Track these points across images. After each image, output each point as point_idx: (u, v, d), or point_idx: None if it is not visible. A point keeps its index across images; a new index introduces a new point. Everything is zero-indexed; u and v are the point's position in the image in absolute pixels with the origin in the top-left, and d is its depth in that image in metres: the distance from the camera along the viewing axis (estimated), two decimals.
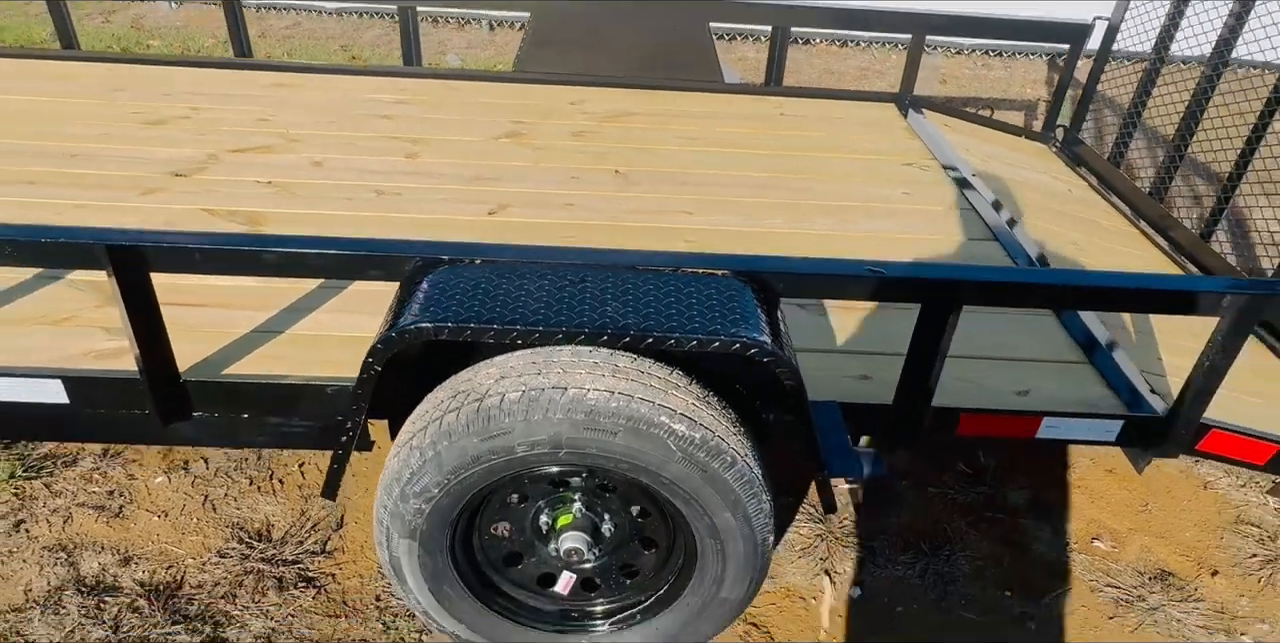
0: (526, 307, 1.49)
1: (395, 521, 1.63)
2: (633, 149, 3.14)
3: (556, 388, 1.50)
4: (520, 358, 1.57)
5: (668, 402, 1.53)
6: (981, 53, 6.48)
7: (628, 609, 1.86)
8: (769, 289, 1.62)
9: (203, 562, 2.16)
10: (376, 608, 2.08)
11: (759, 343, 1.46)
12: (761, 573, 1.74)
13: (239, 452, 2.50)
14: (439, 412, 1.55)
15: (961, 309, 1.67)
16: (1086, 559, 2.27)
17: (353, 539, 2.26)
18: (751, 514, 1.63)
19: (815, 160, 3.17)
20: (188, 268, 1.62)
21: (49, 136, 2.92)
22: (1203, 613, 2.14)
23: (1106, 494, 2.48)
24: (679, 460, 1.53)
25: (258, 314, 2.03)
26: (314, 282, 2.16)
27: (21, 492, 2.32)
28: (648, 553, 1.82)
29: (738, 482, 1.58)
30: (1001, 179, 3.23)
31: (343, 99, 3.44)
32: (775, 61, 3.73)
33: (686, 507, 1.61)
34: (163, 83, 3.46)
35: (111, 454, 2.45)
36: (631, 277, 1.59)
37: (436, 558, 1.69)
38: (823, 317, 2.20)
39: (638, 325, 1.47)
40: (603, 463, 1.55)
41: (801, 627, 2.06)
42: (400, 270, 1.61)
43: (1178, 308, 1.74)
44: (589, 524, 1.74)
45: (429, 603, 1.76)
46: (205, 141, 2.97)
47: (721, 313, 1.51)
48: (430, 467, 1.55)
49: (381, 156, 2.95)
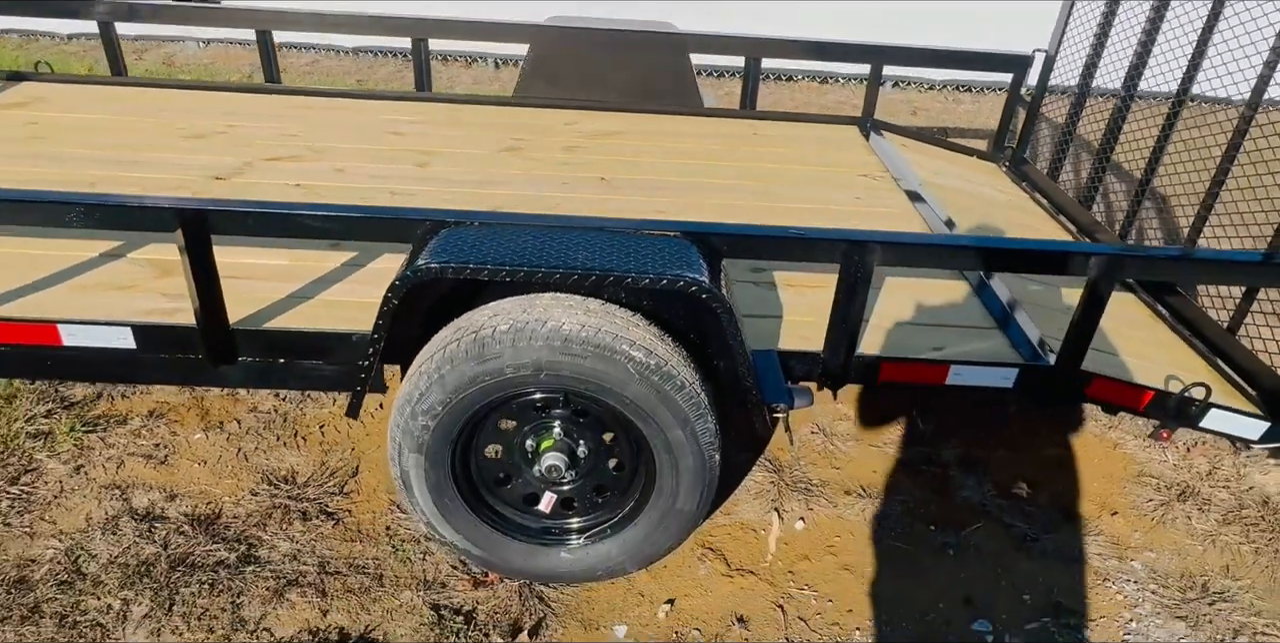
0: (515, 254, 1.86)
1: (406, 437, 1.98)
2: (617, 161, 3.54)
3: (538, 321, 1.87)
4: (509, 302, 1.94)
5: (629, 334, 1.89)
6: (952, 88, 6.95)
7: (599, 525, 2.19)
8: (712, 248, 1.99)
9: (237, 499, 2.50)
10: (387, 536, 2.41)
11: (698, 282, 1.83)
12: (710, 488, 2.09)
13: (267, 413, 2.85)
14: (443, 344, 1.92)
15: (873, 268, 2.03)
16: (1004, 503, 2.60)
17: (366, 484, 2.60)
18: (699, 433, 1.98)
19: (779, 171, 3.57)
20: (242, 230, 2.00)
21: (104, 147, 3.33)
22: (1100, 544, 2.46)
23: (1028, 453, 2.82)
24: (638, 382, 1.89)
25: (292, 285, 2.40)
26: (338, 260, 2.54)
27: (80, 443, 2.67)
28: (616, 475, 2.16)
29: (687, 403, 1.94)
30: (948, 189, 3.62)
31: (362, 119, 3.87)
32: (749, 88, 4.16)
33: (645, 425, 1.97)
34: (201, 105, 3.89)
35: (156, 415, 2.81)
36: (600, 235, 1.97)
37: (439, 472, 2.04)
38: (772, 291, 2.57)
39: (602, 268, 1.84)
40: (575, 385, 1.91)
41: (751, 552, 2.39)
42: (413, 233, 1.99)
43: (1055, 268, 2.11)
44: (567, 447, 2.09)
45: (432, 513, 2.10)
46: (241, 152, 3.38)
47: (671, 262, 1.88)
48: (436, 387, 1.91)
49: (396, 165, 3.35)
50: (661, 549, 2.19)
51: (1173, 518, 2.57)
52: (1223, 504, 2.64)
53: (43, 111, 3.69)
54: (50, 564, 2.24)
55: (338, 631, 2.11)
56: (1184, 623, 2.23)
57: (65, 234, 2.49)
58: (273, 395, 2.94)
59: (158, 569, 2.23)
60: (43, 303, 2.27)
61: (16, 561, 2.25)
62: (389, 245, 2.50)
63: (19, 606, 2.12)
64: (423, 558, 2.34)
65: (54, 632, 2.06)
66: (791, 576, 2.32)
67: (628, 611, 2.20)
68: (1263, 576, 2.41)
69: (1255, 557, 2.46)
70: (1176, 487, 2.70)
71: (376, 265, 2.56)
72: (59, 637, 2.05)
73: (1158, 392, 2.25)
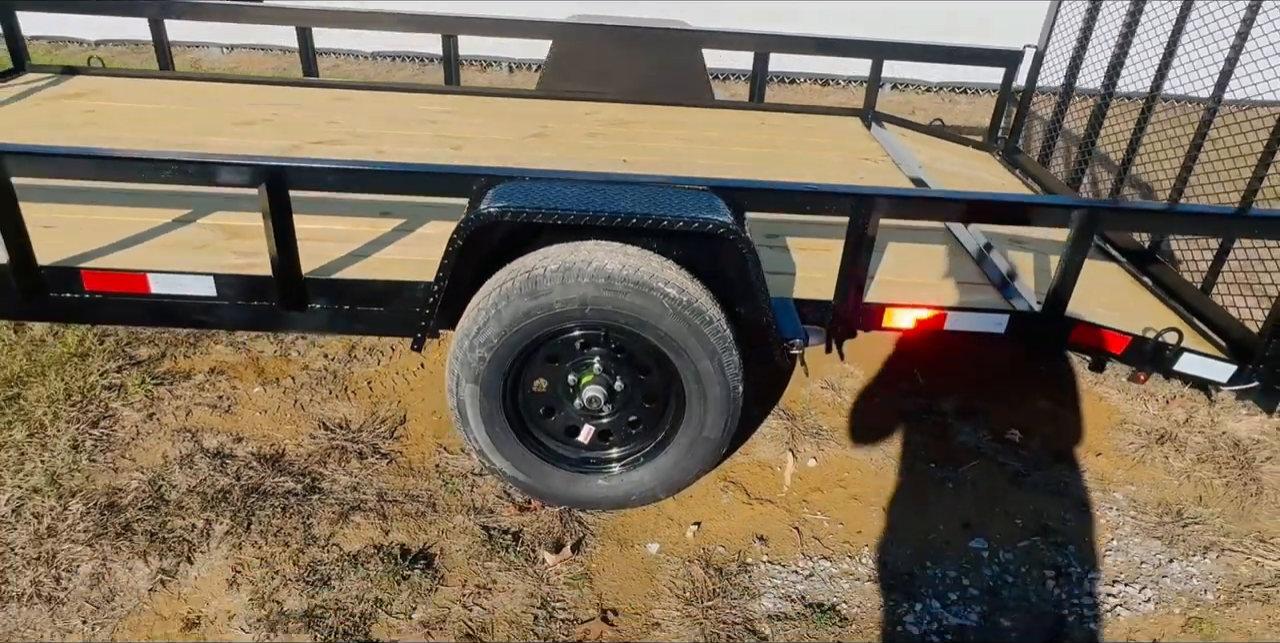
0: (565, 201, 2.12)
1: (464, 368, 2.23)
2: (637, 146, 3.80)
3: (584, 262, 2.12)
4: (557, 247, 2.19)
5: (663, 275, 2.15)
6: (949, 89, 7.25)
7: (634, 454, 2.43)
8: (735, 202, 2.24)
9: (298, 442, 2.74)
10: (437, 472, 2.64)
11: (725, 224, 2.08)
12: (734, 418, 2.33)
13: (318, 371, 3.09)
14: (499, 283, 2.17)
15: (878, 219, 2.28)
16: (999, 446, 2.84)
17: (414, 431, 2.84)
18: (725, 365, 2.23)
19: (787, 155, 3.83)
20: (319, 186, 2.26)
21: (159, 133, 3.58)
22: (1085, 480, 2.70)
23: (1020, 404, 3.06)
24: (672, 316, 2.14)
25: (350, 246, 2.64)
26: (390, 226, 2.78)
27: (150, 395, 2.91)
28: (648, 407, 2.40)
29: (715, 337, 2.19)
30: (946, 173, 3.88)
31: (396, 109, 4.13)
32: (757, 82, 4.43)
33: (677, 357, 2.21)
34: (246, 96, 4.16)
35: (217, 372, 3.06)
36: (638, 188, 2.22)
37: (493, 402, 2.28)
38: (786, 254, 2.82)
39: (641, 213, 2.09)
40: (616, 319, 2.16)
41: (769, 485, 2.63)
42: (470, 187, 2.24)
43: (1040, 220, 2.36)
44: (605, 382, 2.33)
45: (484, 442, 2.34)
46: (288, 136, 3.64)
47: (699, 209, 2.14)
48: (493, 321, 2.16)
49: (432, 148, 3.61)
50: (690, 475, 2.43)
51: (1152, 458, 2.82)
52: (1198, 447, 2.89)
53: (98, 102, 3.95)
54: (135, 492, 2.48)
55: (399, 547, 2.34)
56: (1160, 542, 2.47)
57: (140, 201, 2.75)
58: (322, 355, 3.19)
59: (233, 496, 2.47)
60: (128, 259, 2.52)
61: (105, 490, 2.48)
62: (435, 213, 2.77)
63: (113, 525, 2.35)
64: (471, 490, 2.57)
65: (146, 545, 2.30)
66: (806, 504, 2.56)
67: (659, 531, 2.44)
68: (1232, 504, 2.65)
69: (1225, 489, 2.70)
70: (1156, 432, 2.94)
71: (424, 231, 2.81)
72: (150, 550, 2.29)
73: (1135, 337, 2.49)
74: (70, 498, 2.45)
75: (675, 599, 2.22)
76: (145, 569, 2.24)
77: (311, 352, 3.21)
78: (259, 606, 2.15)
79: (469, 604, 2.18)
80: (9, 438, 2.66)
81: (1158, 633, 2.19)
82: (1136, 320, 2.66)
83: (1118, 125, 3.62)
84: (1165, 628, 2.20)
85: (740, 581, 2.28)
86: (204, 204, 2.83)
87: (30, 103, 3.91)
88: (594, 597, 2.22)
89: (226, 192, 2.71)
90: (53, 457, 2.59)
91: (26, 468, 2.54)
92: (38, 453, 2.60)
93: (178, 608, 2.14)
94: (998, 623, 2.18)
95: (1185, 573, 2.37)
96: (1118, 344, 2.52)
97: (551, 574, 2.28)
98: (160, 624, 2.10)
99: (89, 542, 2.30)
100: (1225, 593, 2.31)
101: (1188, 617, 2.23)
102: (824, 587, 2.27)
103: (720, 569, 2.31)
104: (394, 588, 2.21)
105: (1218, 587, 2.33)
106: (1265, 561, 2.43)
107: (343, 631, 2.09)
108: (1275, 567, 2.41)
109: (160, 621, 2.11)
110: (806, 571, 2.32)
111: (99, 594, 2.17)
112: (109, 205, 2.77)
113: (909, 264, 2.76)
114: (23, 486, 2.48)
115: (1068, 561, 2.38)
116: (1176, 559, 2.41)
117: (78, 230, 2.58)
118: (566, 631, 2.12)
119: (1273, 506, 2.65)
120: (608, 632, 2.12)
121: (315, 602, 2.16)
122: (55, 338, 3.15)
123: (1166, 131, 3.26)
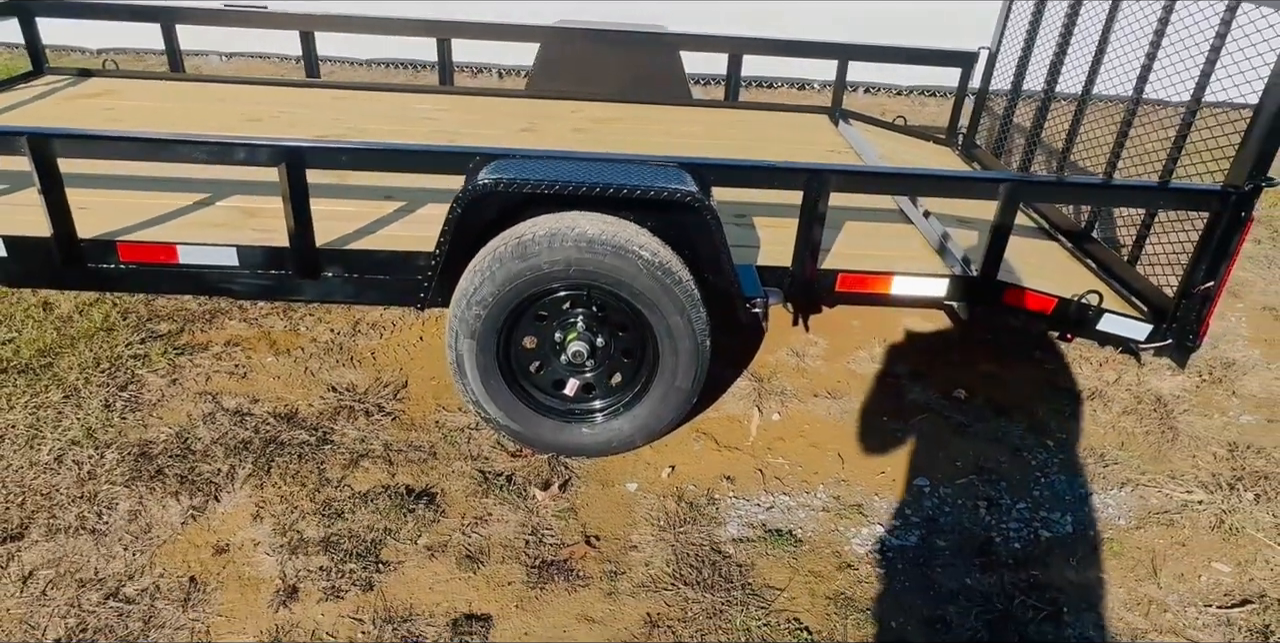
0: (552, 174, 2.41)
1: (461, 325, 2.51)
2: (620, 140, 4.10)
3: (568, 228, 2.41)
4: (544, 217, 2.49)
5: (638, 240, 2.44)
6: (919, 92, 7.59)
7: (615, 405, 2.72)
8: (702, 177, 2.54)
9: (309, 402, 3.02)
10: (437, 427, 2.92)
11: (691, 192, 2.38)
12: (703, 369, 2.62)
13: (325, 344, 3.37)
14: (493, 248, 2.46)
15: (829, 192, 2.58)
16: (945, 402, 3.14)
17: (415, 393, 3.11)
18: (694, 320, 2.52)
19: (759, 148, 4.13)
20: (334, 165, 2.55)
21: (181, 128, 3.85)
22: (1021, 430, 3.01)
23: (966, 368, 3.37)
24: (645, 276, 2.44)
25: (357, 224, 2.93)
26: (391, 208, 3.07)
27: (172, 363, 3.18)
28: (626, 362, 2.69)
29: (684, 295, 2.49)
30: (902, 163, 4.20)
31: (394, 107, 4.43)
32: (732, 83, 4.74)
33: (650, 313, 2.51)
34: (254, 96, 4.45)
35: (232, 343, 3.33)
36: (616, 164, 2.52)
37: (487, 356, 2.57)
38: (751, 231, 3.12)
39: (617, 183, 2.39)
40: (596, 279, 2.45)
41: (736, 435, 2.92)
42: (466, 165, 2.54)
43: (974, 193, 2.67)
44: (589, 338, 2.62)
45: (480, 393, 2.62)
46: (296, 132, 3.92)
47: (673, 181, 2.43)
48: (487, 282, 2.45)
49: (430, 141, 3.89)
50: (664, 424, 2.71)
51: (1082, 412, 3.12)
52: (1124, 402, 3.19)
53: (117, 101, 4.23)
54: (164, 444, 2.75)
55: (404, 487, 2.62)
56: (1082, 479, 2.77)
57: (164, 187, 3.03)
58: (329, 330, 3.47)
59: (253, 446, 2.75)
60: (155, 235, 2.80)
61: (137, 442, 2.75)
62: (433, 196, 3.07)
63: (146, 470, 2.62)
64: (468, 441, 2.85)
65: (177, 487, 2.57)
66: (769, 450, 2.85)
67: (637, 473, 2.72)
68: (1150, 450, 2.95)
69: (1145, 437, 3.01)
70: (1088, 391, 3.25)
71: (423, 211, 3.10)
72: (181, 490, 2.55)
73: (1061, 298, 2.80)
74: (106, 449, 2.71)
75: (651, 527, 2.50)
76: (177, 506, 2.51)
77: (318, 327, 3.49)
78: (281, 534, 2.42)
79: (468, 532, 2.46)
80: (47, 399, 2.92)
81: (1073, 551, 2.48)
82: (1071, 288, 2.98)
83: (1060, 121, 3.95)
84: (1080, 547, 2.50)
85: (709, 512, 2.57)
86: (223, 188, 3.12)
87: (51, 102, 4.19)
88: (579, 526, 2.50)
89: (243, 177, 3.00)
90: (87, 415, 2.86)
91: (64, 424, 2.81)
92: (73, 411, 2.87)
93: (208, 538, 2.41)
94: (934, 544, 2.47)
95: (1103, 503, 2.67)
96: (1046, 305, 2.83)
97: (541, 508, 2.56)
98: (193, 551, 2.37)
99: (125, 484, 2.57)
100: (1136, 519, 2.61)
101: (1101, 538, 2.53)
102: (782, 517, 2.56)
103: (691, 503, 2.60)
104: (400, 520, 2.48)
105: (1130, 514, 2.63)
106: (1174, 494, 2.73)
107: (356, 553, 2.36)
108: (1182, 498, 2.71)
109: (193, 548, 2.38)
110: (768, 504, 2.61)
111: (137, 527, 2.43)
112: (136, 190, 3.05)
113: (862, 239, 3.06)
114: (62, 438, 2.74)
115: (999, 494, 2.68)
116: (1096, 493, 2.71)
117: (109, 211, 2.85)
118: (554, 552, 2.40)
119: (1185, 450, 2.96)
120: (590, 553, 2.40)
121: (331, 531, 2.43)
122: (81, 315, 3.42)
123: (1100, 126, 3.58)
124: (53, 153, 2.49)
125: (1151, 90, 3.15)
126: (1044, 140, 4.14)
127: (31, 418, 2.83)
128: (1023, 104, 4.41)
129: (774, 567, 2.38)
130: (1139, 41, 3.23)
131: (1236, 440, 3.04)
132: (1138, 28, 3.24)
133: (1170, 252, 2.90)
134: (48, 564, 2.29)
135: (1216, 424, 3.13)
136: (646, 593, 2.28)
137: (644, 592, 2.28)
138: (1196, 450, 2.98)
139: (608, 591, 2.28)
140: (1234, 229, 2.64)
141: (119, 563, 2.32)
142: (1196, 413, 3.18)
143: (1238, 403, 3.27)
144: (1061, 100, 3.98)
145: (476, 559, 2.36)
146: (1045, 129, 4.08)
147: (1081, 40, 3.78)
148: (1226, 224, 2.64)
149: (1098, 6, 3.58)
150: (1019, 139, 4.58)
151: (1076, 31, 3.81)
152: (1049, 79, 4.03)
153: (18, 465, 2.62)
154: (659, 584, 2.30)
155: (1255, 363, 3.54)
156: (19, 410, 2.86)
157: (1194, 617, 2.30)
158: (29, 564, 2.29)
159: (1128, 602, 2.34)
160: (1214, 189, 2.64)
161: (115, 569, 2.29)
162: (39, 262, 2.65)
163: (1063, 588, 2.36)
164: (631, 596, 2.27)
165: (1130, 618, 2.29)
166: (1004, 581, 2.37)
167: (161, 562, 2.33)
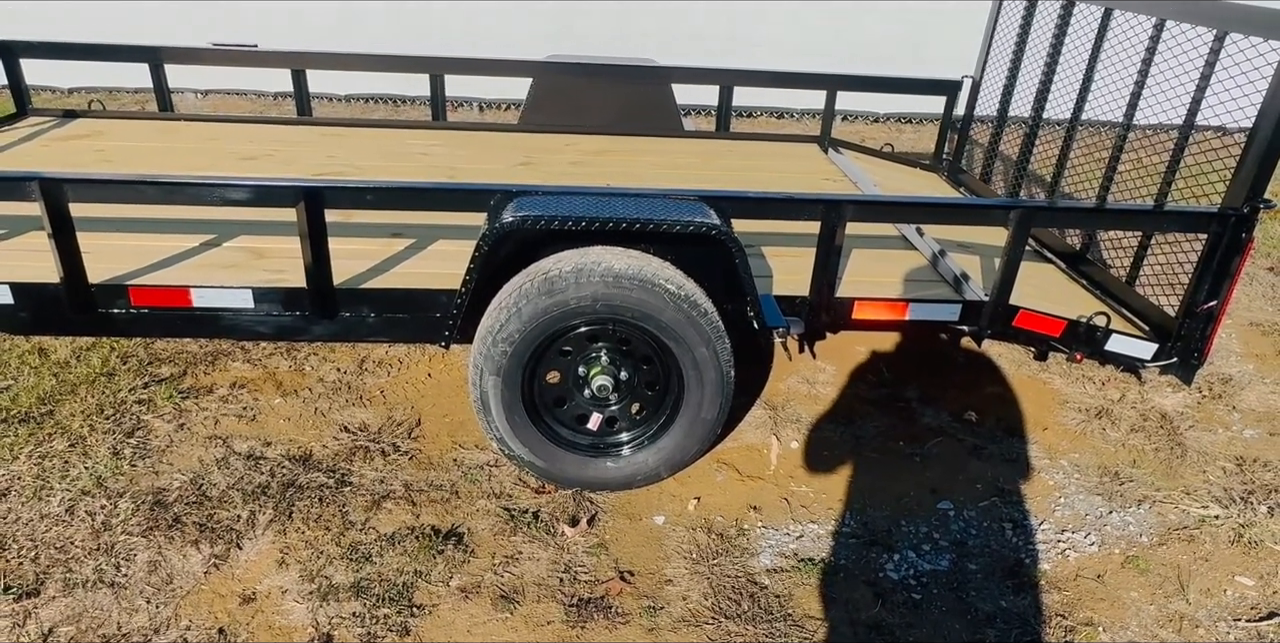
0: (576, 210, 2.42)
1: (487, 362, 2.50)
2: (617, 172, 4.13)
3: (594, 263, 2.42)
4: (570, 252, 2.49)
5: (664, 273, 2.46)
6: (895, 120, 7.76)
7: (640, 438, 2.71)
8: (721, 209, 2.57)
9: (323, 443, 2.97)
10: (455, 465, 2.89)
11: (714, 226, 2.40)
12: (727, 400, 2.63)
13: (333, 383, 3.33)
14: (518, 285, 2.46)
15: (846, 222, 2.62)
16: (958, 425, 3.18)
17: (430, 431, 3.08)
18: (719, 351, 2.53)
19: (754, 177, 4.19)
20: (353, 204, 2.54)
21: (170, 169, 3.81)
22: (1034, 450, 3.05)
23: (975, 391, 3.41)
24: (672, 309, 2.45)
25: (369, 263, 2.91)
26: (402, 245, 3.05)
27: (178, 407, 3.12)
28: (650, 394, 2.69)
29: (709, 326, 2.50)
30: (896, 190, 4.28)
31: (387, 144, 4.42)
32: (723, 113, 4.82)
33: (676, 345, 2.51)
34: (244, 134, 4.42)
35: (238, 385, 3.28)
36: (639, 199, 2.54)
37: (513, 392, 2.55)
38: (764, 260, 3.15)
39: (641, 218, 2.40)
40: (623, 312, 2.46)
41: (757, 465, 2.93)
42: (486, 202, 2.54)
43: (987, 220, 2.72)
44: (613, 371, 2.62)
45: (505, 430, 2.60)
46: (291, 169, 3.91)
47: (691, 215, 2.46)
48: (514, 319, 2.44)
49: (428, 177, 3.90)
50: (690, 455, 2.71)
51: (1092, 431, 3.17)
52: (1130, 420, 3.25)
53: (106, 142, 4.19)
54: (179, 491, 2.69)
55: (430, 527, 2.58)
56: (1100, 498, 2.81)
57: (169, 229, 3.00)
58: (335, 369, 3.43)
59: (271, 490, 2.69)
60: (165, 278, 2.76)
61: (150, 490, 2.69)
62: (444, 233, 3.06)
63: (163, 519, 2.56)
64: (489, 479, 2.82)
65: (197, 535, 2.50)
66: (791, 478, 2.85)
67: (663, 505, 2.71)
68: (1161, 466, 3.01)
69: (1155, 453, 3.07)
70: (1094, 409, 3.30)
71: (434, 248, 3.09)
72: (201, 539, 2.49)
73: (1070, 321, 2.86)
74: (118, 498, 2.65)
75: (684, 560, 2.49)
76: (198, 555, 2.45)
77: (324, 366, 3.45)
78: (309, 580, 2.37)
79: (500, 572, 2.42)
80: (51, 448, 2.85)
81: (1101, 570, 2.51)
82: (1072, 309, 3.04)
83: (1049, 146, 4.05)
84: (1107, 565, 2.53)
85: (739, 543, 2.56)
86: (228, 229, 3.09)
87: (39, 144, 4.13)
88: (610, 562, 2.48)
89: (248, 217, 2.97)
90: (95, 463, 2.79)
91: (72, 474, 2.74)
92: (80, 460, 2.80)
93: (233, 587, 2.35)
94: (966, 567, 2.49)
95: (1123, 522, 2.71)
96: (1056, 328, 2.88)
97: (571, 544, 2.53)
98: (219, 601, 2.31)
99: (142, 534, 2.51)
100: (1157, 536, 2.65)
101: (1126, 556, 2.57)
102: (813, 545, 2.56)
103: (721, 535, 2.59)
104: (430, 561, 2.44)
105: (1151, 531, 2.67)
106: (1190, 509, 2.78)
107: (389, 598, 2.32)
108: (1199, 513, 2.76)
109: (218, 598, 2.32)
110: (797, 532, 2.61)
111: (158, 578, 2.37)
112: (138, 232, 3.01)
113: (872, 266, 3.11)
114: (71, 489, 2.67)
115: (1023, 515, 2.71)
116: (1115, 511, 2.75)
117: (112, 254, 2.80)
118: (590, 589, 2.37)
119: (1195, 465, 3.02)
120: (627, 588, 2.38)
121: (360, 575, 2.39)
122: (79, 360, 3.35)
123: (1090, 152, 3.68)
124: (65, 197, 2.45)
125: (1142, 116, 3.26)
126: (1031, 167, 4.25)
127: (37, 468, 2.75)
128: (1009, 130, 4.54)
129: (811, 596, 2.37)
130: (1128, 70, 3.34)
131: (1243, 455, 3.11)
132: (1122, 54, 3.35)
133: (1169, 272, 2.98)
134: (67, 621, 2.22)
135: (1222, 439, 3.20)
136: (688, 628, 2.26)
137: (685, 626, 2.26)
138: (1206, 466, 3.04)
139: (649, 627, 2.26)
140: (1234, 250, 2.72)
141: (142, 617, 2.25)
142: (1201, 428, 3.25)
143: (1239, 418, 3.34)
144: (1050, 125, 4.09)
145: (512, 599, 2.33)
146: (1034, 154, 4.19)
147: (1066, 68, 3.90)
148: (1227, 245, 2.72)
149: (1081, 37, 3.70)
150: (1007, 164, 4.70)
151: (1061, 60, 3.93)
152: (1035, 106, 4.14)
153: (28, 518, 2.55)
154: (700, 619, 2.29)
155: (1250, 378, 3.64)
156: (24, 461, 2.78)
157: (1225, 632, 2.34)
158: (48, 621, 2.22)
159: (1159, 619, 2.37)
160: (1213, 212, 2.73)
161: (139, 623, 2.22)
162: (48, 308, 2.60)
163: (1095, 607, 2.39)
164: (673, 631, 2.25)
165: (1165, 635, 2.31)
166: (1038, 602, 2.38)
167: (187, 614, 2.26)
